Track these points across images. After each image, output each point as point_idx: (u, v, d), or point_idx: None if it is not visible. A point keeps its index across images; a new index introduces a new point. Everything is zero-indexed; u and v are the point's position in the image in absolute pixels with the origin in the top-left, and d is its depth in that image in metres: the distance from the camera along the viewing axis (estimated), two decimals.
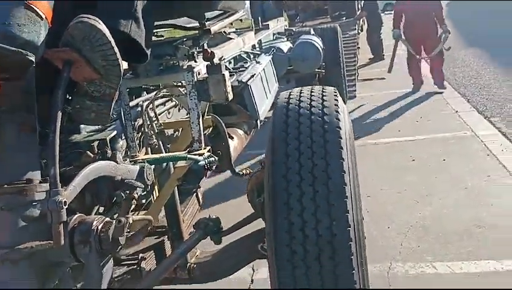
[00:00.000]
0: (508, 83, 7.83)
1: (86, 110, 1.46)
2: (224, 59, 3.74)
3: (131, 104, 2.14)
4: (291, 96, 2.12)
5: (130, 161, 1.90)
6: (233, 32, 6.29)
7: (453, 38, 13.75)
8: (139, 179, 1.58)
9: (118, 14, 1.44)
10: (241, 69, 3.85)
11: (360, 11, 13.16)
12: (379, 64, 11.06)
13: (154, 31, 1.99)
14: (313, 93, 2.12)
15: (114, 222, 1.30)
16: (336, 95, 2.12)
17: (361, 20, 13.62)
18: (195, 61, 1.94)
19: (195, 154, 1.89)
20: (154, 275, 1.92)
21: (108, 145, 1.72)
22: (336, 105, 1.98)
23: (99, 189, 1.49)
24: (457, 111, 6.46)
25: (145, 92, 2.36)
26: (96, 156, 1.59)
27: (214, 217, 2.53)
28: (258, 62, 3.98)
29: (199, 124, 1.93)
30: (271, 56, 4.49)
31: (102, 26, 1.30)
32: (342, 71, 6.83)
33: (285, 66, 5.11)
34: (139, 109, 2.19)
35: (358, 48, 9.71)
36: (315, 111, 1.95)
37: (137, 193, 1.54)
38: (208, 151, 1.94)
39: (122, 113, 1.98)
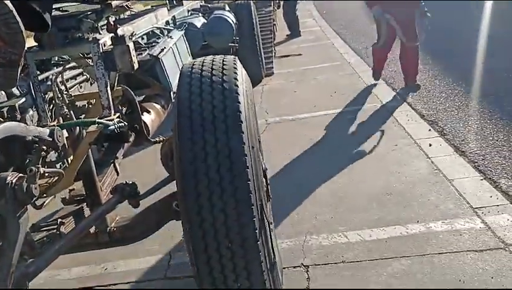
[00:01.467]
0: None
1: None
2: (135, 34, 3.85)
3: (41, 77, 2.23)
4: (194, 66, 2.30)
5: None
6: (147, 9, 6.34)
7: (365, 13, 14.42)
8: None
9: None
10: (153, 44, 3.98)
11: None
12: (296, 41, 11.40)
13: (59, 6, 2.09)
14: (214, 62, 2.33)
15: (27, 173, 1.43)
16: (235, 63, 2.33)
17: None
18: (100, 34, 2.06)
19: (105, 120, 2.03)
20: (73, 234, 2.05)
21: (18, 110, 1.82)
22: (235, 71, 2.20)
23: (12, 150, 1.60)
24: (368, 85, 6.83)
25: (55, 67, 2.44)
26: (6, 121, 1.69)
27: (131, 182, 2.69)
28: (170, 37, 4.11)
29: (107, 92, 2.06)
30: (183, 31, 4.62)
31: None
32: (258, 47, 7.06)
33: (199, 41, 5.27)
34: (50, 82, 2.28)
35: (275, 24, 10.00)
36: (215, 77, 2.15)
37: (48, 148, 1.65)
38: (117, 118, 2.09)
39: (31, 85, 2.07)
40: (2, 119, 1.70)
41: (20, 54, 1.49)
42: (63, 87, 2.26)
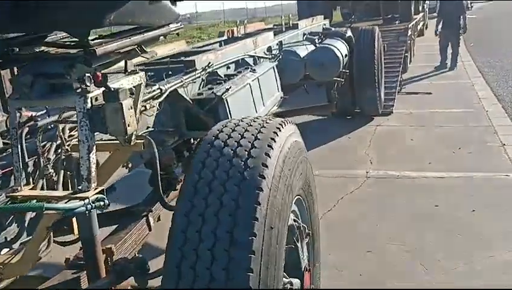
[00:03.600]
0: None
1: None
2: (211, 65, 3.39)
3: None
4: (223, 130, 1.88)
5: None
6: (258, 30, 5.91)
7: None
8: None
9: None
10: (232, 77, 3.51)
11: (422, 13, 12.37)
12: (435, 76, 10.07)
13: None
14: (250, 128, 1.84)
15: None
16: (277, 131, 1.88)
17: (422, 23, 12.80)
18: (87, 85, 1.58)
19: (78, 197, 1.56)
20: None
21: None
22: (269, 144, 1.77)
23: None
24: (504, 144, 5.53)
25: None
26: None
27: (140, 256, 2.22)
28: (253, 70, 3.59)
29: (89, 160, 1.58)
30: (275, 63, 4.07)
31: None
32: (377, 81, 6.26)
33: (300, 72, 4.67)
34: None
35: (406, 55, 9.00)
36: (241, 149, 1.74)
37: None
38: (98, 193, 1.60)
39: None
40: None
41: None
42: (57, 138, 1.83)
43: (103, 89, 1.60)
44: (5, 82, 2.24)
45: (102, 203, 1.61)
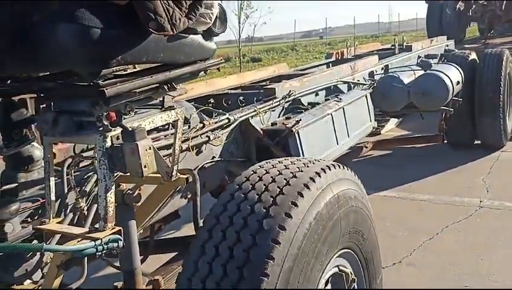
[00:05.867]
0: None
1: None
2: (293, 94, 3.27)
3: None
4: (256, 171, 1.84)
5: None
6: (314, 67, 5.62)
7: None
8: None
9: None
10: (315, 105, 3.35)
11: None
12: None
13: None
14: (278, 176, 1.72)
15: None
16: (313, 178, 1.74)
17: None
18: (105, 124, 1.55)
19: (90, 237, 1.54)
20: None
21: None
22: (299, 194, 1.65)
23: None
24: None
25: None
26: None
27: None
28: (338, 99, 3.38)
29: (106, 199, 1.56)
30: (369, 90, 3.79)
31: None
32: (501, 110, 5.55)
33: (401, 100, 4.31)
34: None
35: None
36: (259, 205, 1.64)
37: None
38: (114, 233, 1.56)
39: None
40: None
41: None
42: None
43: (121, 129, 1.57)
44: None
45: (115, 244, 1.56)
